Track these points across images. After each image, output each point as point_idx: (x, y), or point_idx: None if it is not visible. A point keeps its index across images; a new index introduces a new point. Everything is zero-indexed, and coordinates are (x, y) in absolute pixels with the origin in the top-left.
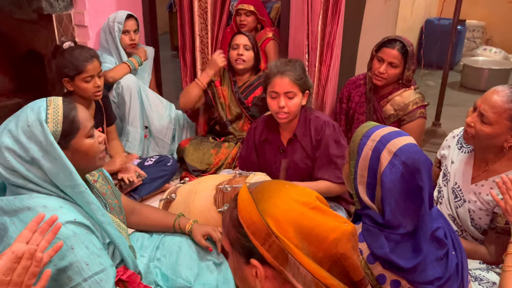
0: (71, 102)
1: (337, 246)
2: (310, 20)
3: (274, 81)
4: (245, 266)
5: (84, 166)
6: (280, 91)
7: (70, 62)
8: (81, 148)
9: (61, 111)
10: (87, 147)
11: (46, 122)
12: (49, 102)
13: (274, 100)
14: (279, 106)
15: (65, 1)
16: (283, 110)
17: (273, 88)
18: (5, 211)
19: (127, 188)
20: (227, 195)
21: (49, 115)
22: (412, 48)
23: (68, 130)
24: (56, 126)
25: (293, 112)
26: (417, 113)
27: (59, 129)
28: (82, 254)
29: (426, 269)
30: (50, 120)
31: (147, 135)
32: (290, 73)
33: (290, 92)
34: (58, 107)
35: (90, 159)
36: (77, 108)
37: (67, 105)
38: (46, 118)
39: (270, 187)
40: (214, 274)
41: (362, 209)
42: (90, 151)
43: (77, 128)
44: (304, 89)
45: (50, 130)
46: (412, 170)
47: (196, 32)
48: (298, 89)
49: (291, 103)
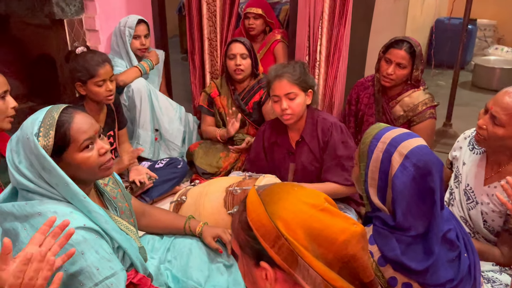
0: (70, 112)
1: (347, 247)
2: (312, 22)
3: (274, 85)
4: (255, 268)
5: (83, 177)
6: (280, 93)
7: (83, 66)
8: (74, 162)
9: (54, 123)
10: (80, 161)
11: (38, 136)
12: (46, 114)
13: (277, 103)
14: (282, 108)
15: (76, 6)
16: (286, 111)
17: (274, 92)
18: (16, 216)
19: (138, 190)
20: (236, 197)
21: (42, 128)
22: (419, 48)
23: (60, 145)
24: (47, 140)
25: (297, 112)
26: (426, 113)
27: (50, 144)
28: (93, 259)
29: (438, 271)
30: (42, 134)
31: (157, 138)
32: (287, 75)
33: (290, 93)
34: (52, 119)
35: (86, 171)
36: (73, 120)
37: (62, 117)
38: (38, 132)
39: (279, 189)
40: (225, 276)
41: (372, 211)
42: (83, 164)
43: (68, 143)
44: (306, 88)
45: (41, 145)
46: (424, 172)
47: (205, 35)
48: (299, 88)
49: (293, 104)
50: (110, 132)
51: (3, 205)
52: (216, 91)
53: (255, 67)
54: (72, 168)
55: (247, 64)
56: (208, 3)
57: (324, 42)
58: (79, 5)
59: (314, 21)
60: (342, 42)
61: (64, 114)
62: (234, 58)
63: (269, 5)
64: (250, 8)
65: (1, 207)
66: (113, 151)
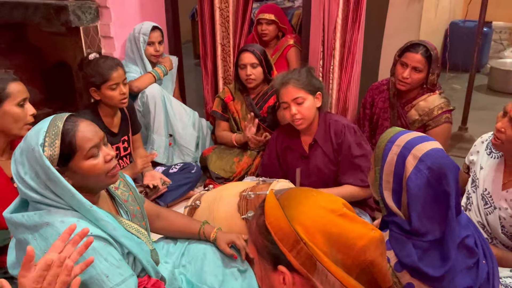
0: (75, 121)
1: (365, 253)
2: (327, 26)
3: (281, 93)
4: (272, 273)
5: (90, 185)
6: (288, 99)
7: (96, 71)
8: (80, 170)
9: (59, 133)
10: (87, 169)
11: (43, 146)
12: (51, 124)
13: (286, 110)
14: (291, 114)
15: (92, 14)
16: (296, 116)
17: (282, 99)
18: (26, 227)
19: (153, 195)
20: (250, 202)
21: (47, 138)
22: (436, 52)
23: (66, 153)
24: (53, 150)
25: (307, 116)
26: (442, 118)
27: (55, 153)
28: (102, 267)
29: (456, 278)
30: (47, 144)
31: (171, 143)
32: (292, 80)
33: (297, 97)
34: (57, 129)
35: (93, 179)
36: (78, 128)
37: (68, 126)
38: (43, 142)
39: (297, 194)
40: (239, 281)
41: (388, 216)
42: (90, 172)
43: (74, 151)
44: (313, 91)
45: (47, 155)
46: (439, 176)
47: (217, 41)
48: (305, 92)
49: (302, 108)
50: (125, 137)
51: (14, 216)
52: (230, 96)
53: (268, 73)
54: (79, 176)
55: (258, 73)
56: (221, 8)
57: (338, 47)
58: (95, 13)
59: (329, 26)
60: (355, 47)
61: (68, 122)
62: (244, 68)
63: (281, 11)
64: (262, 14)
65: (12, 217)
66: (128, 156)
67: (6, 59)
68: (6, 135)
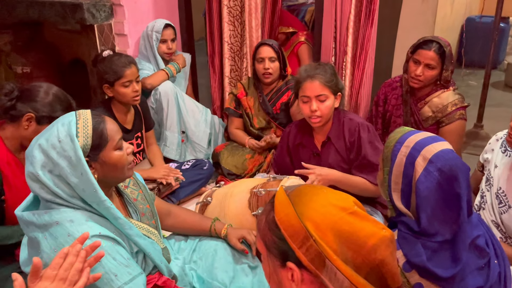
0: (99, 115)
1: (376, 252)
2: (339, 23)
3: (305, 86)
4: (280, 269)
5: (113, 178)
6: (311, 94)
7: (110, 68)
8: (110, 161)
9: (91, 124)
10: (116, 159)
11: (76, 136)
12: (79, 116)
13: (306, 104)
14: (311, 110)
15: (106, 12)
16: (316, 113)
17: (304, 93)
18: (36, 225)
19: (165, 191)
20: (261, 198)
21: (79, 129)
22: (449, 48)
23: (97, 143)
24: (86, 140)
25: (325, 115)
26: (456, 114)
27: (89, 143)
28: (110, 266)
29: (466, 278)
30: (80, 134)
31: (184, 140)
32: (320, 76)
33: (321, 95)
34: (87, 120)
35: (119, 170)
36: (106, 120)
37: (95, 118)
38: (76, 132)
39: (308, 190)
40: (249, 277)
41: (397, 216)
42: (118, 163)
43: (106, 141)
44: (336, 91)
45: (80, 144)
46: (449, 177)
47: (224, 39)
48: (329, 91)
49: (323, 106)
50: (138, 134)
51: (25, 214)
52: (243, 91)
53: (283, 68)
54: (106, 167)
55: (276, 67)
56: (229, 7)
57: (350, 43)
58: (109, 11)
59: (341, 22)
60: (368, 43)
61: (95, 116)
62: (262, 61)
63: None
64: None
65: (23, 215)
66: (141, 153)
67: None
68: None
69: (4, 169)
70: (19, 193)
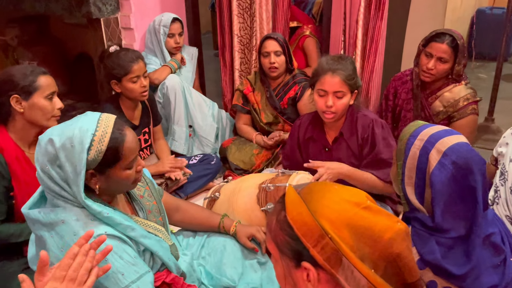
0: (122, 128)
1: (392, 245)
2: (349, 15)
3: (324, 79)
4: (295, 270)
5: (114, 190)
6: (330, 90)
7: (117, 63)
8: (116, 178)
9: (107, 140)
10: (122, 178)
11: (89, 150)
12: (100, 124)
13: (322, 98)
14: (327, 105)
15: (112, 5)
16: (331, 109)
17: (323, 86)
18: (43, 223)
19: (173, 186)
20: (270, 194)
21: (94, 142)
22: (462, 41)
23: (109, 161)
24: (97, 155)
25: (340, 111)
26: (468, 109)
27: (99, 159)
28: (117, 265)
29: (481, 276)
30: (93, 148)
31: (191, 134)
32: (341, 72)
33: (339, 91)
34: (106, 134)
35: (123, 186)
36: (126, 138)
37: (115, 134)
38: (90, 146)
39: (319, 187)
40: (258, 273)
41: (411, 212)
42: (123, 181)
43: (118, 159)
44: (354, 88)
45: (91, 157)
46: (464, 171)
47: (234, 32)
48: (348, 89)
49: (339, 102)
50: (145, 129)
51: (31, 212)
52: (250, 87)
53: (289, 62)
54: (110, 182)
55: (281, 61)
56: None
57: (360, 36)
58: (115, 4)
59: (351, 15)
60: (378, 36)
61: (116, 130)
62: (268, 56)
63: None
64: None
65: (29, 213)
66: (148, 148)
67: (29, 51)
68: (33, 126)
69: (13, 165)
70: (28, 189)
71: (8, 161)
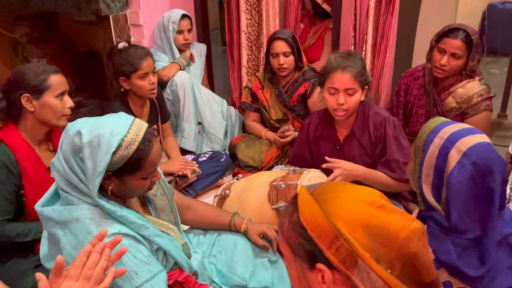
0: (151, 139)
1: (408, 245)
2: (359, 10)
3: (334, 77)
4: (309, 272)
5: (125, 195)
6: (340, 87)
7: (126, 60)
8: (130, 185)
9: (135, 147)
10: (136, 186)
11: (114, 153)
12: (131, 131)
13: (332, 96)
14: (338, 103)
15: (121, 2)
16: (342, 107)
17: (333, 84)
18: (56, 221)
19: (183, 184)
20: (281, 192)
21: (121, 147)
22: (476, 36)
23: (129, 168)
24: (120, 160)
25: (351, 109)
26: (482, 105)
27: (120, 163)
28: (131, 264)
29: (498, 277)
30: (118, 153)
31: (200, 131)
32: (351, 69)
33: (350, 88)
34: (134, 142)
35: (134, 192)
36: (152, 150)
37: (144, 143)
38: (116, 150)
39: (332, 187)
40: (269, 272)
41: (426, 211)
42: (137, 188)
43: (138, 169)
44: (364, 85)
45: (113, 160)
46: (484, 172)
47: (241, 28)
48: (359, 85)
49: (350, 99)
50: (154, 126)
51: (44, 209)
52: (258, 84)
53: (298, 60)
54: (123, 188)
55: (290, 61)
56: None
57: (370, 31)
58: (124, 1)
59: (361, 10)
60: (389, 31)
61: (145, 140)
62: (277, 57)
63: None
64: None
65: (43, 211)
66: None
67: (38, 49)
68: (43, 125)
69: (23, 163)
70: (38, 187)
71: (19, 159)
